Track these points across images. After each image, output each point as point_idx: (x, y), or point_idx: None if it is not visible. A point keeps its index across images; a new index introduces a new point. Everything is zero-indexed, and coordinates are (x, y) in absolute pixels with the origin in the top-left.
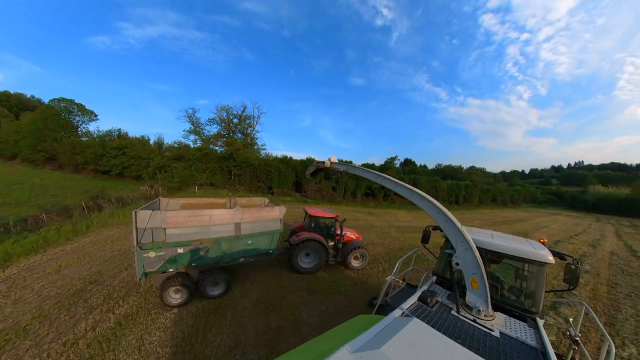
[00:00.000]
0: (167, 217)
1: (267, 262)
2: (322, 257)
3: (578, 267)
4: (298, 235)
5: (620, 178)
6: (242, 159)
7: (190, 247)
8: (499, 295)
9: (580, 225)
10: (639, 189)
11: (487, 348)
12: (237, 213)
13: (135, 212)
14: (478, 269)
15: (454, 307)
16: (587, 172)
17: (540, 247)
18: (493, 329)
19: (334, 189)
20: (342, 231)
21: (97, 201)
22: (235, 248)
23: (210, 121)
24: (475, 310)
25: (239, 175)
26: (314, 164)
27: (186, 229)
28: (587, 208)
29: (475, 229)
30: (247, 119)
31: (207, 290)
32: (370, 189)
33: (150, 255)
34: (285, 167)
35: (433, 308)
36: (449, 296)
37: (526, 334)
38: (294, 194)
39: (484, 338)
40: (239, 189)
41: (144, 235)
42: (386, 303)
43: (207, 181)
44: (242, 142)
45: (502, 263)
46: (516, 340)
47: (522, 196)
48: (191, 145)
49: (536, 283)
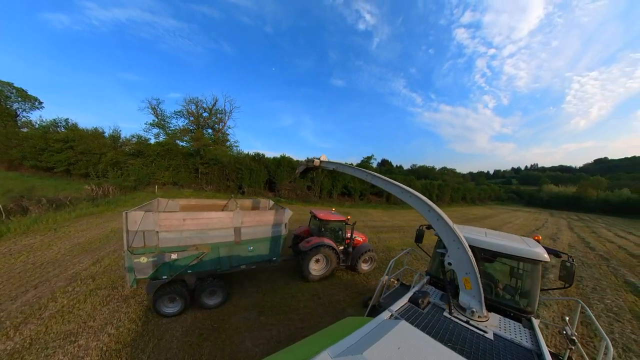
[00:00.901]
0: (160, 220)
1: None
2: (333, 263)
3: (573, 265)
4: (308, 242)
5: (568, 178)
6: (211, 156)
7: (186, 253)
8: (493, 295)
9: (539, 220)
10: (583, 188)
11: (479, 351)
12: (237, 216)
13: (126, 213)
14: (471, 269)
15: (446, 308)
16: (541, 174)
17: (534, 245)
18: (487, 331)
19: (309, 188)
20: (353, 234)
21: (21, 203)
22: (235, 255)
23: (177, 114)
24: (469, 311)
25: (207, 173)
26: (304, 162)
27: (181, 232)
28: (542, 204)
29: (468, 227)
30: (219, 113)
31: (204, 299)
32: (346, 188)
33: (141, 261)
34: (258, 165)
35: (424, 309)
36: (441, 297)
37: (521, 334)
38: (267, 194)
39: (476, 340)
40: (205, 189)
41: (136, 239)
42: (379, 304)
43: (170, 180)
44: (211, 138)
45: (496, 262)
46: (511, 342)
47: (488, 195)
48: (152, 139)
49: (531, 282)
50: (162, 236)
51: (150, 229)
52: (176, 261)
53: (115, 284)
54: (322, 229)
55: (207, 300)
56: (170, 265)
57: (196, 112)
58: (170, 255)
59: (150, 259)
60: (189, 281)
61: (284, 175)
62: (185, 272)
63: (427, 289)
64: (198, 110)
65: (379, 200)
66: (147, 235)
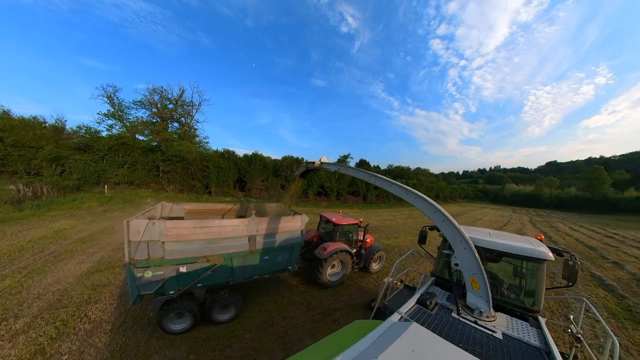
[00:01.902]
0: (167, 229)
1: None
2: (348, 267)
3: (576, 263)
4: (325, 248)
5: (525, 179)
6: (174, 152)
7: (196, 265)
8: (499, 294)
9: (505, 217)
10: (539, 187)
11: (490, 351)
12: (252, 224)
13: (128, 222)
14: (478, 269)
15: (454, 309)
16: (503, 174)
17: (538, 244)
18: (495, 331)
19: (282, 187)
20: (365, 236)
21: None
22: (250, 265)
23: (137, 104)
24: (477, 312)
25: (169, 171)
26: (304, 164)
27: (191, 243)
28: (505, 202)
29: (473, 228)
30: (186, 105)
31: (215, 314)
32: (322, 187)
33: (146, 275)
34: (227, 162)
35: (432, 311)
36: (448, 297)
37: (529, 333)
38: (236, 193)
39: (486, 340)
40: (166, 189)
41: (139, 250)
42: (384, 306)
43: (124, 178)
44: (176, 132)
45: (501, 262)
46: (519, 341)
47: (459, 193)
48: (104, 132)
49: (536, 281)
50: (169, 247)
51: (156, 239)
52: (185, 274)
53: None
54: (337, 233)
55: (218, 315)
56: (179, 279)
57: (160, 103)
58: (179, 268)
59: (155, 273)
60: (197, 295)
61: (255, 173)
62: (195, 285)
63: (433, 290)
64: (163, 101)
65: (355, 200)
66: (152, 246)
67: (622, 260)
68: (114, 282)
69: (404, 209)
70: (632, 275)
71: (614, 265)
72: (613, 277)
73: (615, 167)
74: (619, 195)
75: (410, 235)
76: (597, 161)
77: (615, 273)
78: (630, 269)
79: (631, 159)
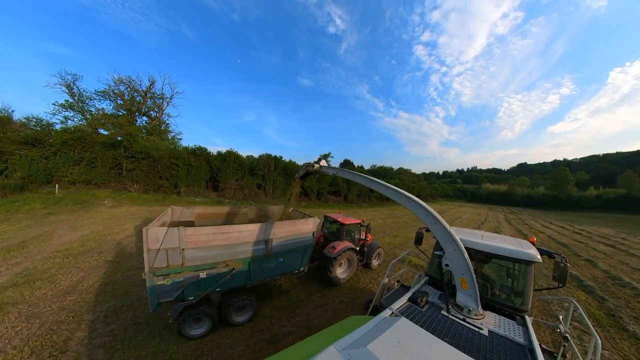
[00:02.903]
0: (187, 236)
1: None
2: (355, 264)
3: (566, 265)
4: (334, 247)
5: (499, 179)
6: (139, 148)
7: (216, 271)
8: (489, 294)
9: (482, 215)
10: (512, 186)
11: (474, 346)
12: (269, 228)
13: (147, 230)
14: (467, 270)
15: (444, 306)
16: (479, 174)
17: (528, 247)
18: (482, 328)
19: (259, 186)
20: (367, 235)
21: None
22: (266, 267)
23: (100, 95)
24: (466, 310)
25: (133, 169)
26: (303, 167)
27: (210, 249)
28: (481, 200)
29: (466, 230)
30: (157, 98)
31: (232, 317)
32: (302, 187)
33: (165, 283)
34: (198, 160)
35: (423, 308)
36: (439, 296)
37: (515, 331)
38: (209, 194)
39: (472, 337)
40: (129, 189)
41: (158, 258)
42: (380, 304)
43: (81, 177)
44: (144, 127)
45: (493, 263)
46: (504, 338)
47: (439, 192)
48: (58, 125)
49: (525, 282)
50: (189, 254)
51: (175, 247)
52: (205, 280)
53: None
54: (343, 233)
55: (235, 317)
56: (199, 284)
57: (128, 94)
58: (199, 274)
59: (175, 280)
60: (213, 298)
61: (229, 172)
62: (214, 290)
63: (426, 289)
64: (131, 92)
65: (336, 199)
66: (171, 253)
67: (593, 257)
68: (28, 299)
69: (384, 208)
70: (605, 272)
71: (588, 263)
72: (589, 276)
73: (577, 168)
74: (581, 194)
75: (388, 237)
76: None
77: (591, 272)
78: (602, 266)
79: (590, 162)
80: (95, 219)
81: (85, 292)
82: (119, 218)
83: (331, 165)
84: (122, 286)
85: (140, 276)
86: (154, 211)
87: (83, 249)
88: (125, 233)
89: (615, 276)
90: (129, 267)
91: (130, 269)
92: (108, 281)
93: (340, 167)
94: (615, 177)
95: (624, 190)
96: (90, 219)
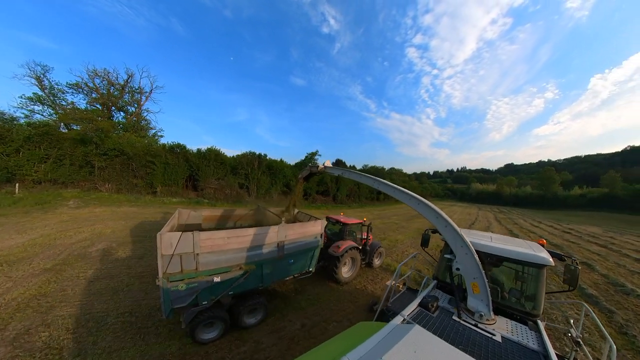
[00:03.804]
0: (202, 240)
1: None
2: (358, 263)
3: (577, 268)
4: (338, 247)
5: (488, 179)
6: (112, 145)
7: (230, 274)
8: (500, 298)
9: (472, 215)
10: (500, 186)
11: (489, 353)
12: (282, 230)
13: (160, 235)
14: (479, 274)
15: (455, 312)
16: (468, 175)
17: (539, 249)
18: (495, 334)
19: (242, 186)
20: (369, 234)
21: None
22: (277, 269)
23: (72, 87)
24: (477, 315)
25: (105, 167)
26: (308, 167)
27: (224, 253)
28: (470, 199)
29: (474, 232)
30: (135, 92)
31: (245, 319)
32: (287, 187)
33: (180, 288)
34: (176, 158)
35: (434, 314)
36: (449, 301)
37: (528, 337)
38: (188, 194)
39: (485, 343)
40: (100, 188)
41: (172, 264)
42: (387, 308)
43: (47, 176)
44: (120, 122)
45: (503, 266)
46: (518, 344)
47: (429, 192)
48: (22, 119)
49: (536, 285)
50: (204, 258)
51: (189, 252)
52: (219, 284)
53: None
54: (346, 233)
55: (247, 319)
56: (212, 288)
57: (104, 88)
58: (213, 279)
59: (190, 285)
60: (224, 302)
61: (210, 171)
62: (228, 294)
63: (435, 293)
64: (109, 87)
65: (325, 199)
66: (185, 258)
67: (588, 259)
68: None
69: (374, 209)
70: (604, 277)
71: (585, 267)
72: (590, 282)
73: (560, 169)
74: (566, 193)
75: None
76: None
77: (590, 276)
78: (600, 270)
79: (573, 162)
80: (50, 221)
81: (4, 307)
82: (79, 220)
83: (336, 167)
84: (51, 300)
85: (73, 288)
86: (121, 212)
87: (24, 255)
88: (79, 237)
89: (616, 281)
90: (69, 276)
91: (68, 278)
92: (36, 294)
93: (345, 168)
94: (597, 177)
95: (607, 190)
96: (45, 221)
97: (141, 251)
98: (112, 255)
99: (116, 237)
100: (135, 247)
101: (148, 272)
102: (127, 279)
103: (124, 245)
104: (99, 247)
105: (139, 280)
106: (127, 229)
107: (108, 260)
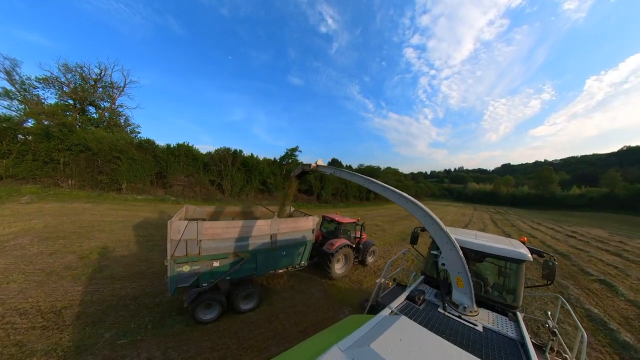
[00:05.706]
0: (205, 229)
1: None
2: (351, 260)
3: (555, 264)
4: (332, 244)
5: (485, 178)
6: (76, 140)
7: (227, 260)
8: (483, 292)
9: (467, 215)
10: (497, 186)
11: (470, 342)
12: (274, 224)
13: (170, 223)
14: (463, 269)
15: (440, 304)
16: (465, 174)
17: (519, 246)
18: (477, 324)
19: (212, 183)
20: (362, 233)
21: None
22: (270, 260)
23: (42, 82)
24: (461, 307)
25: (69, 163)
26: (300, 166)
27: (223, 241)
28: (467, 199)
29: (460, 230)
30: (108, 87)
31: (240, 304)
32: (264, 184)
33: (184, 270)
34: (143, 154)
35: (421, 306)
36: (436, 294)
37: (507, 327)
38: (155, 191)
39: (467, 333)
40: (61, 184)
41: (178, 248)
42: (377, 303)
43: (7, 172)
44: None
45: (486, 262)
46: (498, 334)
47: (424, 192)
48: None
49: (516, 279)
50: (206, 245)
51: (193, 238)
52: (218, 268)
53: None
54: (341, 231)
55: (242, 305)
56: (212, 272)
57: (77, 83)
58: (213, 263)
59: (192, 267)
60: (222, 287)
61: (179, 167)
62: (225, 278)
63: (422, 288)
64: (84, 81)
65: (308, 198)
66: (190, 244)
67: (605, 273)
68: None
69: (360, 209)
70: (634, 305)
71: (604, 288)
72: (617, 317)
73: (557, 169)
74: (565, 193)
75: None
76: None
77: (614, 304)
78: (626, 293)
79: (569, 162)
80: None
81: None
82: (19, 215)
83: (328, 165)
84: None
85: None
86: (70, 208)
87: None
88: (6, 231)
89: None
90: None
91: None
92: None
93: (336, 167)
94: (595, 177)
95: (607, 190)
96: None
97: (56, 247)
98: (25, 249)
99: (43, 233)
100: (55, 243)
101: (48, 268)
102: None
103: (44, 241)
104: (18, 241)
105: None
106: (64, 224)
107: (15, 255)
